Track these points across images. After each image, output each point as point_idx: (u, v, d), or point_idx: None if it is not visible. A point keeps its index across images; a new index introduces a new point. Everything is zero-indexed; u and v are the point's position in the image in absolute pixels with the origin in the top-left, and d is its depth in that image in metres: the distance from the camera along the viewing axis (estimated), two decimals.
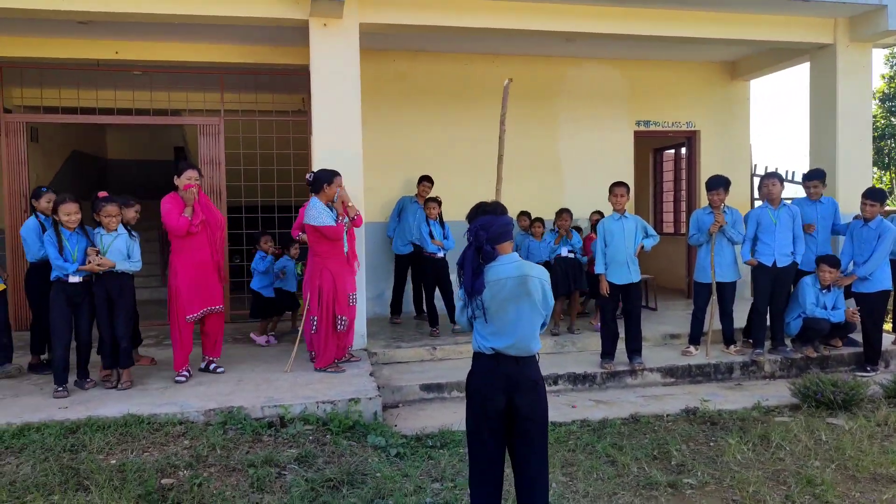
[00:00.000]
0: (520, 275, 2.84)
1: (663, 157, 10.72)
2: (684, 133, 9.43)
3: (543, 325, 2.97)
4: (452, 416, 5.02)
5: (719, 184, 6.29)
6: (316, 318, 5.53)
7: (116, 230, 5.16)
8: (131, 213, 5.68)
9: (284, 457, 4.03)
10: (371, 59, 7.63)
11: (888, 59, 17.89)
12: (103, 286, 5.06)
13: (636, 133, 9.16)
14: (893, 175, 18.13)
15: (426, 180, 7.65)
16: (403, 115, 8.31)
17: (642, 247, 6.04)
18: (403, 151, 8.28)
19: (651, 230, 6.13)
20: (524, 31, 6.85)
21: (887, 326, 6.90)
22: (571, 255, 7.17)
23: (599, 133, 8.93)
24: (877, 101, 17.97)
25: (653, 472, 3.94)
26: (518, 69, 8.62)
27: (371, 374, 5.50)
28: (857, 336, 6.54)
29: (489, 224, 2.88)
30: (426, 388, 5.65)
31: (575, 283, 7.17)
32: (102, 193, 5.23)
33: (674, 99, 9.21)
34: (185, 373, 5.34)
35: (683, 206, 9.90)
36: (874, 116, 17.81)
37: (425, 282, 7.24)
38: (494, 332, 2.87)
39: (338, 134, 6.25)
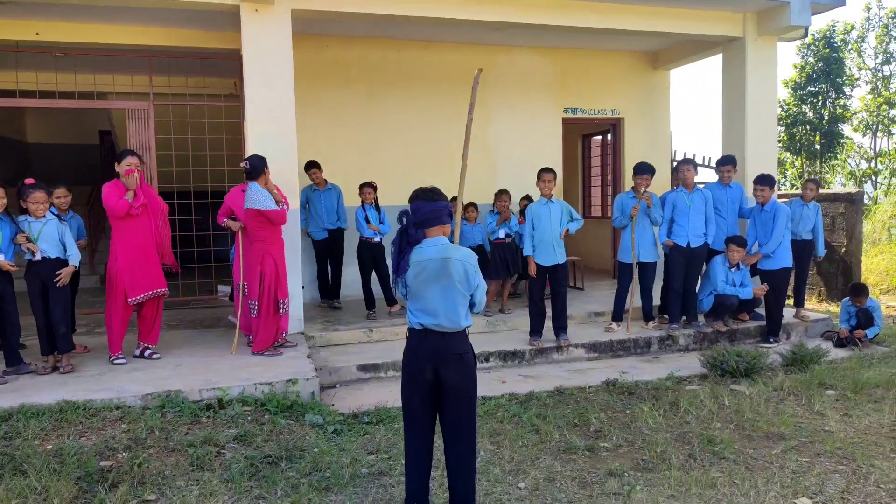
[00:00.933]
0: (441, 257, 3.05)
1: (591, 142, 11.15)
2: (609, 120, 9.86)
3: (474, 304, 3.17)
4: (388, 394, 5.23)
5: (646, 170, 6.69)
6: (256, 302, 5.64)
7: (45, 217, 5.11)
8: (53, 200, 5.62)
9: (224, 436, 4.15)
10: (305, 44, 7.67)
11: (800, 50, 18.95)
12: (37, 274, 5.03)
13: (564, 119, 9.52)
14: (804, 160, 19.29)
15: (314, 167, 7.62)
16: (339, 101, 8.39)
17: (567, 230, 6.38)
18: (340, 136, 8.36)
19: (576, 214, 6.47)
20: (453, 21, 7.02)
21: (789, 302, 7.50)
22: (508, 240, 7.44)
23: (529, 119, 9.25)
24: (789, 89, 19.04)
25: (572, 438, 4.27)
26: (450, 56, 8.82)
27: (308, 357, 5.65)
28: (762, 310, 7.11)
29: (418, 209, 3.12)
30: (363, 368, 5.83)
31: (512, 266, 7.46)
32: (29, 180, 5.17)
33: (599, 87, 9.61)
34: (122, 358, 5.39)
35: (610, 190, 10.37)
36: (787, 104, 18.91)
37: (362, 265, 7.38)
38: (421, 310, 3.10)
39: (271, 120, 6.30)
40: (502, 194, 7.59)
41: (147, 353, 5.61)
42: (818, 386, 5.30)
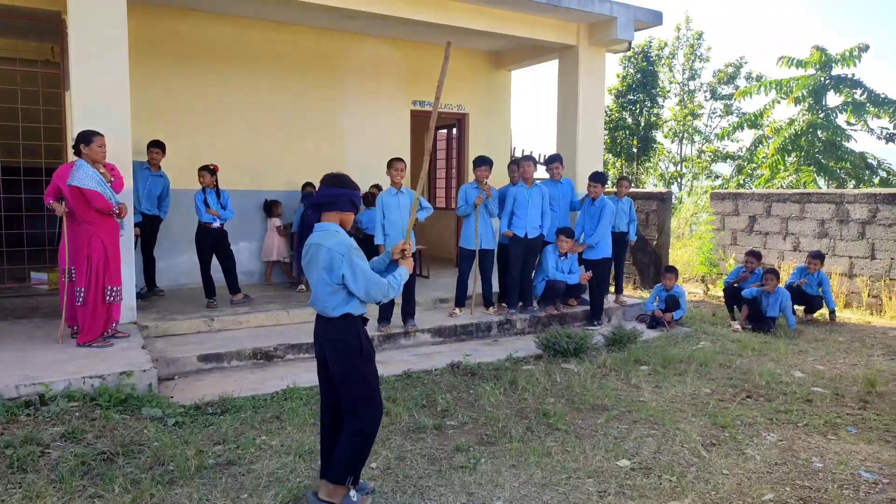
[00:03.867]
0: (316, 243, 3.06)
1: (437, 135, 11.47)
2: (455, 115, 10.21)
3: (358, 296, 3.03)
4: (233, 384, 5.09)
5: (485, 162, 7.05)
6: (84, 289, 5.18)
7: None
8: None
9: (48, 435, 3.80)
10: (140, 14, 7.13)
11: (622, 62, 20.82)
12: None
13: (413, 112, 9.72)
14: (624, 161, 21.27)
15: (157, 146, 7.20)
16: (179, 77, 7.90)
17: (416, 219, 6.54)
18: (180, 115, 7.88)
19: (425, 202, 6.66)
20: (299, 3, 6.85)
21: (610, 288, 8.30)
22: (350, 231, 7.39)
23: (380, 109, 9.33)
24: (612, 96, 20.87)
25: (421, 418, 4.44)
26: (301, 39, 8.64)
27: (143, 348, 5.31)
28: (588, 296, 7.81)
29: (319, 192, 3.16)
30: (204, 358, 5.59)
31: None
32: None
33: (447, 82, 9.87)
34: None
35: (455, 182, 10.75)
36: (610, 110, 20.70)
37: (200, 252, 7.03)
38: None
39: (101, 93, 5.78)
40: None
41: None
42: (634, 363, 5.95)
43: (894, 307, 8.50)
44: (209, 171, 6.94)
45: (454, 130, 10.68)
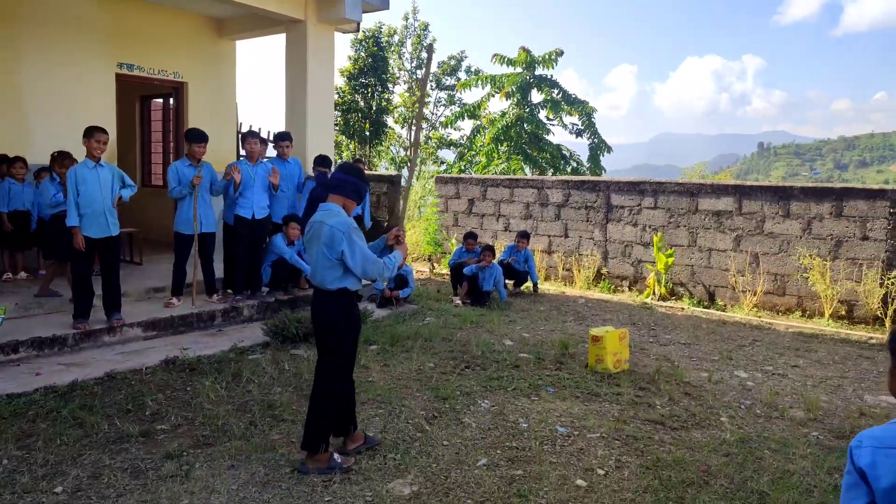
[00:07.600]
0: (319, 220, 3.37)
1: (151, 105, 10.29)
2: (172, 83, 9.24)
3: (355, 273, 3.36)
4: None
5: (202, 138, 6.44)
6: None
7: None
8: None
9: None
10: None
11: (353, 44, 20.98)
12: None
13: (119, 76, 8.54)
14: (357, 144, 21.55)
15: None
16: None
17: (120, 197, 5.75)
18: None
19: (129, 180, 5.88)
20: None
21: None
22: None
23: (73, 70, 8.00)
24: (345, 78, 20.95)
25: (125, 426, 3.89)
26: None
27: None
28: None
29: (332, 175, 3.57)
30: None
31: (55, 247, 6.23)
32: None
33: (161, 46, 8.91)
34: None
35: (172, 157, 9.76)
36: (343, 91, 20.77)
37: None
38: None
39: None
40: (63, 158, 6.19)
41: None
42: (364, 343, 5.98)
43: (582, 278, 9.89)
44: None
45: (171, 100, 9.67)
